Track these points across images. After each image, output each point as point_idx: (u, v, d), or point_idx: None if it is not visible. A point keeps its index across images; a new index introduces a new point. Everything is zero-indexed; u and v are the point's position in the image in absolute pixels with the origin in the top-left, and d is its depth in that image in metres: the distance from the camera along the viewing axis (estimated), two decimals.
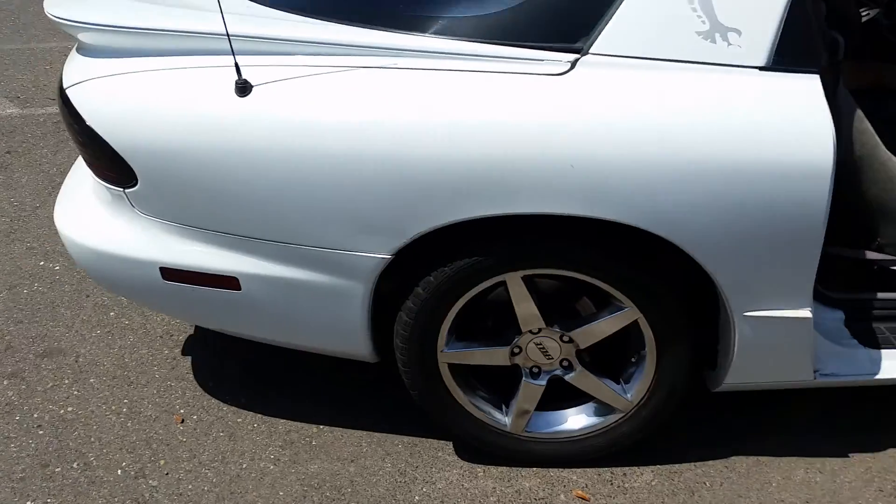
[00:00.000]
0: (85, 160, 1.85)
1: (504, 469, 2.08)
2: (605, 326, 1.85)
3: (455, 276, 1.73)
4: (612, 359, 1.99)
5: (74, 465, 2.05)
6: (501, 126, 1.57)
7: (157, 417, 2.20)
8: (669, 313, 1.80)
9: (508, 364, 1.94)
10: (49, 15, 1.77)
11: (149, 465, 2.06)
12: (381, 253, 1.69)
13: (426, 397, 1.96)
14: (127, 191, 1.76)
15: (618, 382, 1.99)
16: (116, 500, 1.96)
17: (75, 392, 2.27)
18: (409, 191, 1.61)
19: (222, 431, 2.17)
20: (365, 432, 2.18)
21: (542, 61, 1.59)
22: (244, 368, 2.38)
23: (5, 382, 2.30)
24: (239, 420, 2.21)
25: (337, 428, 2.19)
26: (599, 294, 1.83)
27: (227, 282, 1.82)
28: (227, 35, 1.57)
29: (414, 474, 2.07)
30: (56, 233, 2.96)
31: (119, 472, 2.04)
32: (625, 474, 2.09)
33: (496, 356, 1.92)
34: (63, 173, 3.38)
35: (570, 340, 1.89)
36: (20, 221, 3.03)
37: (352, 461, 2.09)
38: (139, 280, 1.88)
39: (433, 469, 2.08)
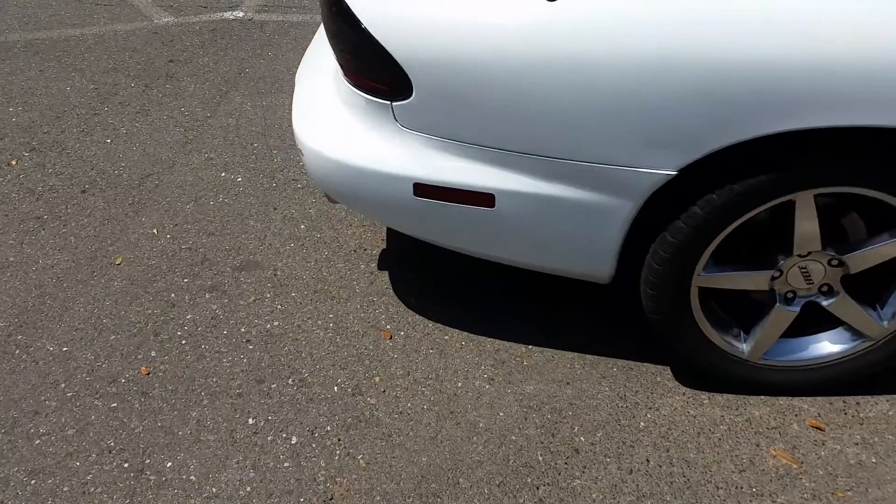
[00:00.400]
0: (346, 68, 1.74)
1: (729, 397, 1.96)
2: (889, 250, 1.67)
3: (742, 194, 1.57)
4: (870, 284, 1.82)
5: (290, 382, 2.04)
6: (835, 24, 1.36)
7: (365, 333, 2.17)
8: None
9: (767, 289, 1.79)
10: None
11: (364, 381, 2.03)
12: (666, 169, 1.54)
13: (667, 321, 1.83)
14: (395, 103, 1.66)
15: (873, 308, 1.81)
16: (337, 418, 1.95)
17: (278, 306, 2.26)
18: (717, 100, 1.43)
19: (432, 348, 2.12)
20: (576, 354, 2.09)
21: None
22: (443, 285, 2.30)
23: (207, 296, 2.30)
24: (446, 337, 2.15)
25: (546, 349, 2.11)
26: (880, 216, 1.65)
27: (482, 199, 1.72)
28: None
29: (634, 399, 1.97)
30: (232, 144, 2.94)
31: (335, 388, 2.02)
32: (858, 404, 1.93)
33: (756, 280, 1.77)
34: (228, 83, 3.33)
35: (839, 264, 1.71)
36: (194, 132, 3.01)
37: (567, 383, 2.01)
38: (388, 195, 1.79)
39: (654, 395, 1.97)
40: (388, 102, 1.69)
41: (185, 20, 3.80)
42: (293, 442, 1.89)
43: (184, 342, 2.15)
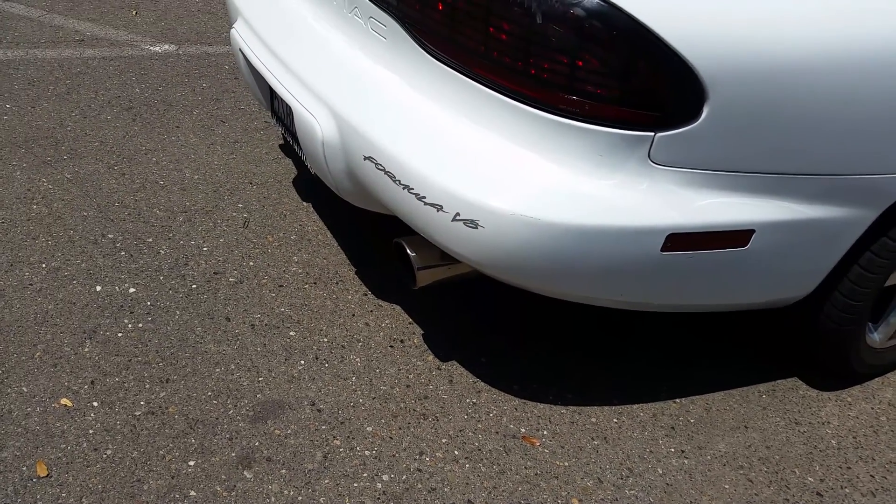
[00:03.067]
0: (587, 102, 1.20)
1: (858, 389, 1.91)
2: None
3: None
4: None
5: None
6: None
7: (507, 448, 1.57)
8: None
9: None
10: None
11: None
12: None
13: (854, 328, 1.69)
14: (662, 133, 1.19)
15: None
16: None
17: (365, 452, 1.50)
18: None
19: (594, 439, 1.63)
20: (723, 393, 1.82)
21: None
22: (524, 360, 1.80)
23: (248, 475, 1.42)
24: (594, 420, 1.68)
25: (693, 397, 1.79)
26: None
27: (738, 237, 1.35)
28: None
29: (807, 420, 1.79)
30: (72, 241, 1.89)
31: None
32: None
33: None
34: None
35: None
36: None
37: (746, 427, 1.73)
38: (629, 258, 1.31)
39: (813, 409, 1.82)
40: (651, 134, 1.23)
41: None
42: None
43: None
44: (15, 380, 1.53)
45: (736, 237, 1.37)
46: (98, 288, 1.79)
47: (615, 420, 1.69)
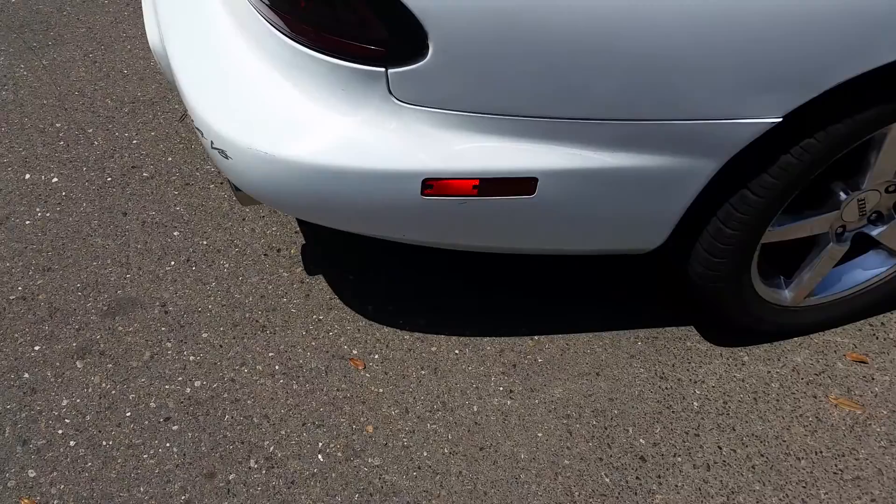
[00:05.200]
0: (311, 27, 1.14)
1: (765, 348, 1.72)
2: None
3: (845, 134, 1.25)
4: None
5: (252, 464, 1.47)
6: None
7: (329, 368, 1.63)
8: None
9: (828, 231, 1.53)
10: None
11: (355, 437, 1.52)
12: (771, 116, 1.17)
13: (728, 287, 1.52)
14: (393, 70, 1.11)
15: None
16: (338, 498, 1.44)
17: (191, 357, 1.63)
18: (853, 19, 1.07)
19: (423, 368, 1.64)
20: (591, 335, 1.73)
21: None
22: (399, 282, 1.80)
23: (79, 364, 1.59)
24: (433, 349, 1.68)
25: (555, 336, 1.72)
26: None
27: (518, 186, 1.25)
28: None
29: (676, 375, 1.67)
30: (23, 128, 2.11)
31: (320, 457, 1.49)
32: (884, 324, 1.79)
33: (820, 224, 1.50)
34: None
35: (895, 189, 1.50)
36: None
37: (597, 374, 1.66)
38: (381, 200, 1.26)
39: (693, 364, 1.69)
40: (383, 69, 1.14)
41: None
42: None
43: (72, 444, 1.48)
44: None
45: (514, 185, 1.27)
46: (27, 176, 1.99)
47: (457, 351, 1.68)
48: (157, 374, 1.59)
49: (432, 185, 1.25)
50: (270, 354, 1.65)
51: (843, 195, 1.48)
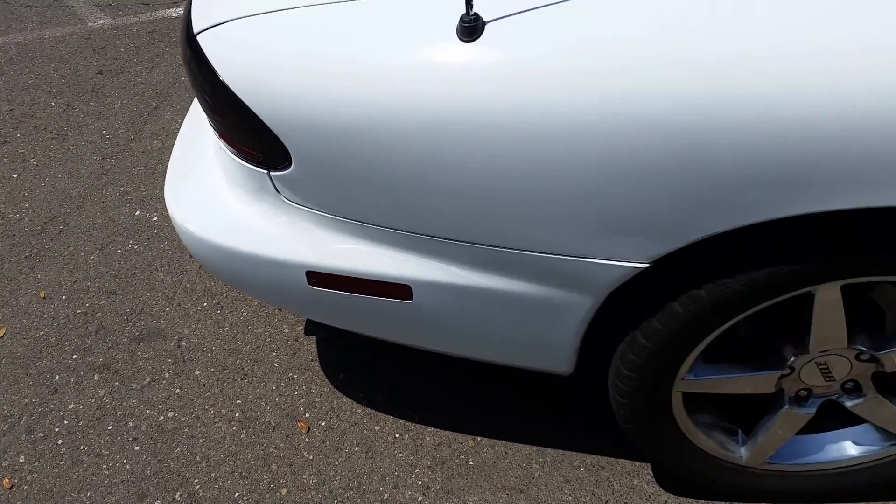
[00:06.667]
0: (216, 130, 1.32)
1: None
2: None
3: (742, 290, 1.11)
4: None
5: (177, 497, 1.64)
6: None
7: (278, 424, 1.75)
8: None
9: (772, 391, 1.33)
10: None
11: (267, 495, 1.62)
12: (635, 261, 1.09)
13: (642, 430, 1.38)
14: (273, 173, 1.23)
15: None
16: None
17: (177, 390, 1.85)
18: (709, 178, 0.97)
19: (357, 445, 1.69)
20: (534, 448, 1.64)
21: None
22: (382, 356, 1.87)
23: (96, 377, 1.91)
24: (377, 428, 1.72)
25: (498, 441, 1.66)
26: None
27: (395, 290, 1.29)
28: None
29: None
30: (153, 173, 2.53)
31: None
32: None
33: (760, 383, 1.30)
34: (160, 95, 2.90)
35: (871, 359, 1.24)
36: (112, 159, 2.59)
37: (521, 491, 1.57)
38: (280, 286, 1.37)
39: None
40: (266, 172, 1.25)
41: (122, 21, 3.36)
42: None
43: (60, 442, 1.76)
44: None
45: (391, 289, 1.30)
46: (137, 213, 2.38)
47: (397, 435, 1.70)
48: (145, 399, 1.84)
49: (315, 277, 1.32)
50: (238, 402, 1.81)
51: (790, 356, 1.27)
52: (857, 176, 0.94)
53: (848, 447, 1.42)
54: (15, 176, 2.56)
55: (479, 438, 1.67)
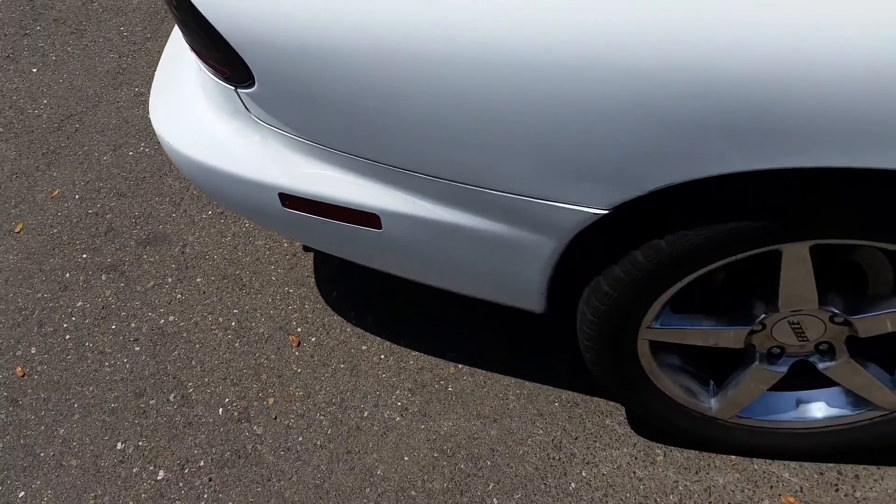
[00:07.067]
0: (188, 43, 1.34)
1: (691, 455, 1.56)
2: None
3: (705, 243, 1.12)
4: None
5: (171, 398, 1.75)
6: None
7: (271, 336, 1.84)
8: None
9: (741, 347, 1.35)
10: None
11: (255, 403, 1.72)
12: (595, 207, 1.10)
13: (608, 374, 1.43)
14: (241, 90, 1.25)
15: (891, 373, 1.36)
16: (214, 450, 1.65)
17: (178, 295, 1.94)
18: (669, 125, 0.96)
19: (343, 362, 1.78)
20: (513, 380, 1.71)
21: None
22: (375, 277, 1.93)
23: (103, 277, 2.00)
24: (364, 348, 1.80)
25: (479, 371, 1.73)
26: None
27: (364, 218, 1.32)
28: None
29: (572, 448, 1.59)
30: None
31: (220, 411, 1.71)
32: (857, 477, 1.50)
33: (728, 338, 1.33)
34: None
35: (846, 323, 1.26)
36: (128, 58, 2.61)
37: (494, 420, 1.65)
38: (254, 204, 1.41)
39: (597, 444, 1.59)
40: (233, 88, 1.27)
41: None
42: (159, 477, 1.62)
43: (67, 337, 1.87)
44: None
45: (360, 217, 1.33)
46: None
47: (382, 356, 1.77)
48: (148, 302, 1.93)
49: (288, 199, 1.36)
50: (234, 311, 1.89)
51: (760, 312, 1.29)
52: (823, 134, 0.92)
53: (820, 408, 1.45)
54: (35, 70, 2.59)
55: (460, 366, 1.74)
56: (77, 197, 2.19)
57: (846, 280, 1.28)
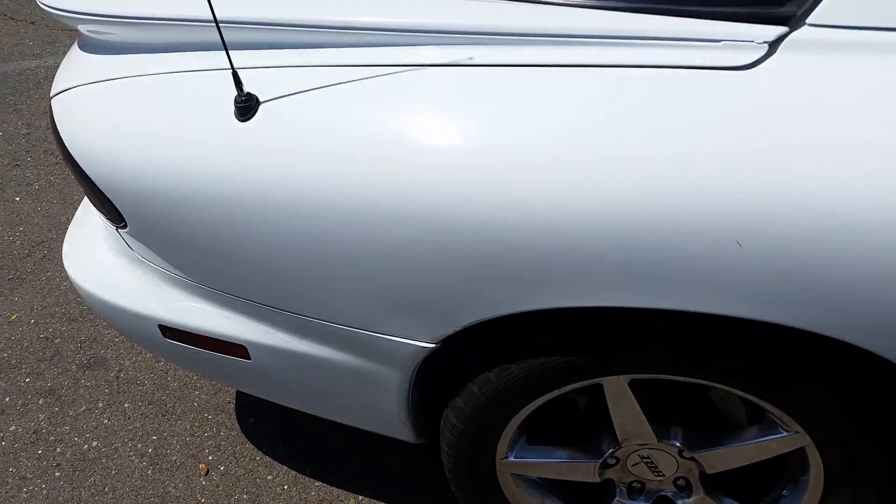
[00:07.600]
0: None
1: None
2: (753, 452, 1.20)
3: (526, 377, 1.15)
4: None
5: None
6: (637, 170, 0.92)
7: (182, 464, 1.86)
8: (853, 440, 1.10)
9: (597, 481, 1.34)
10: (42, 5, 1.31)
11: None
12: (421, 340, 1.15)
13: None
14: (119, 230, 1.34)
15: None
16: None
17: (105, 420, 1.99)
18: (469, 267, 1.02)
19: (246, 493, 1.78)
20: None
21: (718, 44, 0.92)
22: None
23: (40, 401, 2.07)
24: (269, 477, 1.80)
25: (378, 503, 1.72)
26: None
27: (234, 349, 1.38)
28: (216, 21, 1.01)
29: None
30: None
31: None
32: None
33: (579, 471, 1.32)
34: None
35: (692, 458, 1.24)
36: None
37: None
38: (141, 335, 1.49)
39: None
40: (115, 228, 1.36)
41: None
42: None
43: None
44: None
45: (231, 348, 1.38)
46: None
47: (285, 487, 1.77)
48: (77, 427, 1.98)
49: (167, 331, 1.42)
50: (153, 437, 1.93)
51: (608, 446, 1.28)
52: (557, 278, 0.97)
53: None
54: (17, 199, 2.78)
55: (360, 498, 1.73)
56: (32, 322, 2.30)
57: (693, 413, 1.26)
